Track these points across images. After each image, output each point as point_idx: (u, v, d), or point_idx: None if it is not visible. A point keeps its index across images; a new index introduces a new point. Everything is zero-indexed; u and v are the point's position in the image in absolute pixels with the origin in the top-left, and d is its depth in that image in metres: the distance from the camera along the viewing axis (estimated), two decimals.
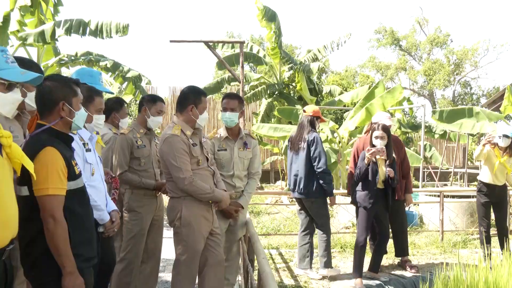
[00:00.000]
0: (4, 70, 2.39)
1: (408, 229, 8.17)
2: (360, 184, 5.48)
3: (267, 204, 10.83)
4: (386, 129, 5.34)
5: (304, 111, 5.75)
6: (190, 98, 3.72)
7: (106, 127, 4.54)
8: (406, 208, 8.84)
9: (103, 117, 3.35)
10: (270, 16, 14.09)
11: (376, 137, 5.31)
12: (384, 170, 5.34)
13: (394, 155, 5.51)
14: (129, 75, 10.43)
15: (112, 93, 4.47)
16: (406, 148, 9.01)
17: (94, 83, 3.73)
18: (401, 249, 6.15)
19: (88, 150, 3.07)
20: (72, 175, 2.49)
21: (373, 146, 5.36)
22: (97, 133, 3.51)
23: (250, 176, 4.48)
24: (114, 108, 4.73)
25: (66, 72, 11.50)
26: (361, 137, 6.67)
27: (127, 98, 12.10)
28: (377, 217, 5.52)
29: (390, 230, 6.34)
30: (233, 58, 14.63)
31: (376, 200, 5.37)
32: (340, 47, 15.82)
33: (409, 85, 37.70)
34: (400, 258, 6.22)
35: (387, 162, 5.37)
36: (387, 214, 5.52)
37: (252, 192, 4.45)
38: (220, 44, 14.85)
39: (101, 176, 3.15)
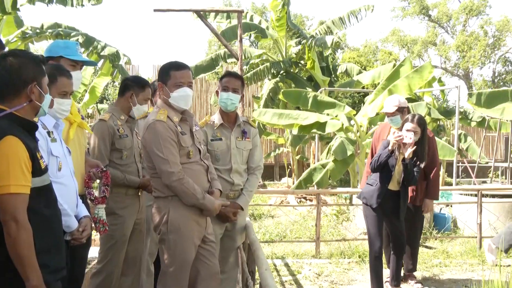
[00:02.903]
0: None
1: (439, 235, 8.22)
2: (371, 177, 5.50)
3: (270, 205, 10.86)
4: (422, 123, 5.31)
5: None
6: (159, 76, 3.78)
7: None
8: (436, 211, 8.91)
9: (68, 101, 3.26)
10: None
11: (408, 130, 5.28)
12: (401, 169, 5.33)
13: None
14: (105, 52, 10.38)
15: (95, 63, 4.33)
16: (437, 139, 8.96)
17: (72, 54, 3.75)
18: (408, 263, 6.12)
19: (54, 140, 3.02)
20: (37, 170, 2.47)
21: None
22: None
23: (251, 172, 4.45)
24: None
25: (32, 48, 11.48)
26: (381, 124, 6.65)
27: (104, 80, 12.07)
28: (387, 221, 5.52)
29: None
30: (230, 31, 14.57)
31: (384, 201, 5.36)
32: (359, 20, 15.79)
33: (441, 63, 37.60)
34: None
35: (416, 162, 5.34)
36: (399, 220, 5.50)
37: (253, 190, 4.44)
38: (214, 14, 14.81)
39: (70, 172, 3.10)
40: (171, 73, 3.70)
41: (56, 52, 3.73)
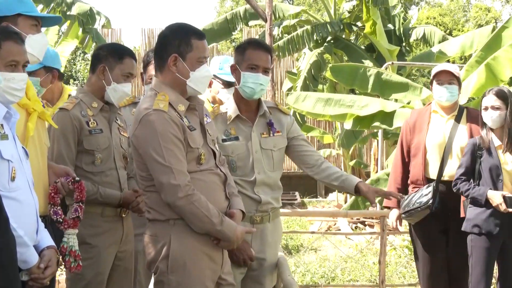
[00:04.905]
0: None
1: None
2: (472, 194, 5.38)
3: (312, 232, 10.83)
4: (505, 95, 5.28)
5: None
6: (171, 44, 3.66)
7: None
8: None
9: (22, 76, 3.21)
10: None
11: (486, 108, 5.28)
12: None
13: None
14: (74, 10, 10.47)
15: (59, 19, 4.33)
16: None
17: (31, 10, 3.74)
18: None
19: (4, 137, 3.01)
20: None
21: (483, 124, 5.33)
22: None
23: (320, 163, 4.47)
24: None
25: None
26: (414, 110, 6.46)
27: (68, 48, 12.18)
28: (503, 251, 5.45)
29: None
30: None
31: (503, 223, 5.29)
32: None
33: None
34: None
35: None
36: None
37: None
38: None
39: (28, 183, 3.12)
40: (193, 42, 3.63)
41: (11, 8, 3.67)
